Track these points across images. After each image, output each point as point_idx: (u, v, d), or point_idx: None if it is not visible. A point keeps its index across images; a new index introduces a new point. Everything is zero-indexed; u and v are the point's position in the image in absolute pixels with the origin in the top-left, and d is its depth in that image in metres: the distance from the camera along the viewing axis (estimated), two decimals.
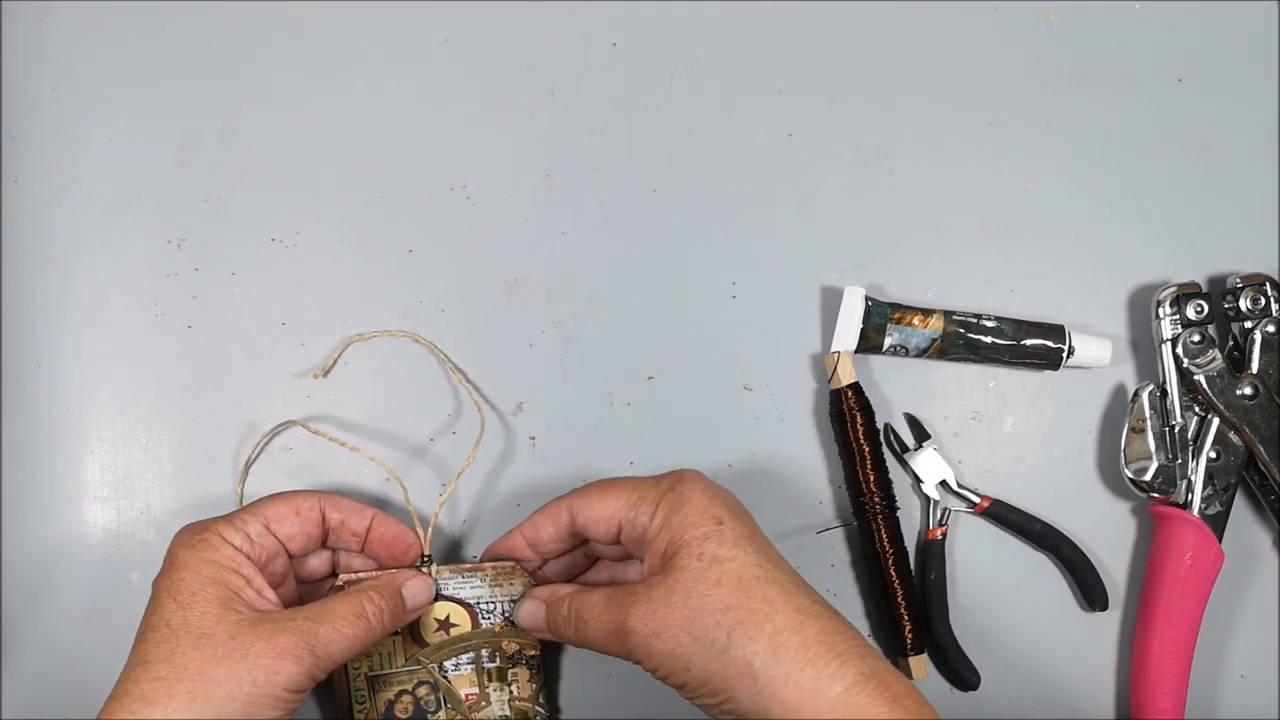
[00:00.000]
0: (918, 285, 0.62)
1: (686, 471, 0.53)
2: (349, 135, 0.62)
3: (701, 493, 0.51)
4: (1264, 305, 0.60)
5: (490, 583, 0.56)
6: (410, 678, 0.56)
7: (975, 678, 0.60)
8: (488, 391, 0.61)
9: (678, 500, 0.51)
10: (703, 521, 0.50)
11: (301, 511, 0.53)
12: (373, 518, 0.55)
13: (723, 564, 0.49)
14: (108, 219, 0.61)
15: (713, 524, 0.50)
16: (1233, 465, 0.60)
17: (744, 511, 0.52)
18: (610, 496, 0.53)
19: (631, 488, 0.53)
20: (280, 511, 0.53)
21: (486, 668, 0.56)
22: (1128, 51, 0.64)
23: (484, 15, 0.62)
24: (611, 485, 0.54)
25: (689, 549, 0.49)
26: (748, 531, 0.51)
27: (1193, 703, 0.60)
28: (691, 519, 0.50)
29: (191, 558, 0.50)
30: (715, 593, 0.48)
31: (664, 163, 0.62)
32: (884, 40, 0.63)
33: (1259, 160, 0.64)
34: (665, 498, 0.51)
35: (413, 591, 0.54)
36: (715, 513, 0.50)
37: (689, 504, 0.51)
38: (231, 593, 0.49)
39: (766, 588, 0.49)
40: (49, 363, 0.60)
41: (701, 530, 0.50)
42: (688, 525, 0.50)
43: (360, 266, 0.61)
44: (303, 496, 0.54)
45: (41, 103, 0.61)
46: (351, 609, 0.51)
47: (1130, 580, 0.62)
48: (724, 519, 0.50)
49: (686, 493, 0.51)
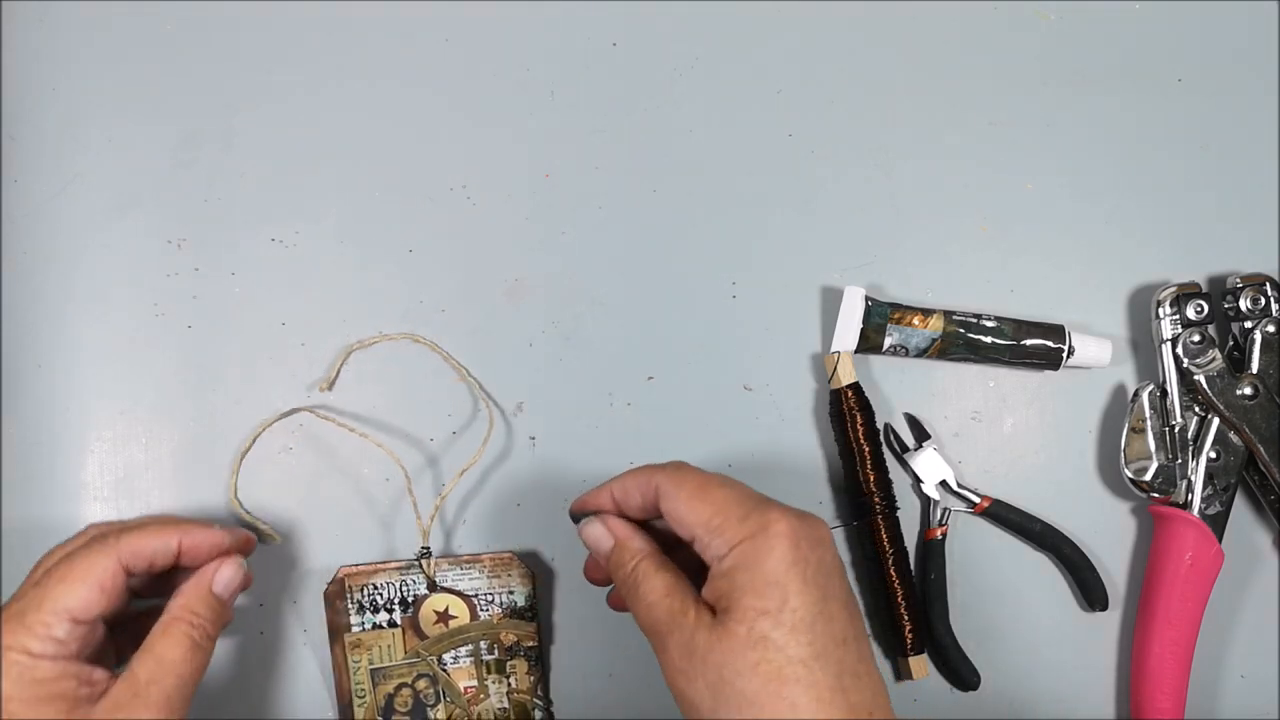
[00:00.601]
0: (918, 285, 0.62)
1: (779, 519, 0.47)
2: (349, 135, 0.62)
3: (780, 556, 0.46)
4: (1264, 305, 0.60)
5: (488, 574, 0.57)
6: (410, 671, 0.56)
7: (975, 678, 0.60)
8: (488, 391, 0.61)
9: (754, 554, 0.47)
10: (769, 593, 0.46)
11: (105, 586, 0.48)
12: (179, 540, 0.51)
13: (768, 649, 0.45)
14: (108, 219, 0.61)
15: (777, 599, 0.46)
16: (1233, 465, 0.60)
17: (825, 575, 0.47)
18: (697, 507, 0.49)
19: (718, 509, 0.48)
20: (83, 597, 0.48)
21: (485, 660, 0.56)
22: (1128, 51, 0.64)
23: (484, 15, 0.62)
24: (703, 494, 0.49)
25: (742, 615, 0.46)
26: (813, 612, 0.46)
27: (1193, 703, 0.60)
28: (758, 585, 0.46)
29: (12, 688, 0.46)
30: (748, 678, 0.45)
31: (664, 163, 0.62)
32: (884, 40, 0.63)
33: (1259, 160, 0.64)
34: (744, 544, 0.47)
35: (223, 584, 0.51)
36: (786, 585, 0.46)
37: (762, 566, 0.46)
38: (66, 703, 0.46)
39: (799, 691, 0.45)
40: (49, 363, 0.60)
41: (762, 603, 0.46)
42: (751, 590, 0.46)
43: (360, 266, 0.61)
44: (101, 566, 0.49)
45: (41, 103, 0.61)
46: (179, 646, 0.49)
47: (1130, 580, 0.62)
48: (791, 595, 0.46)
49: (765, 551, 0.46)
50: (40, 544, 0.58)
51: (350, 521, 0.60)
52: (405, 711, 0.56)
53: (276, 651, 0.59)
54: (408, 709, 0.56)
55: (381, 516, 0.60)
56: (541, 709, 0.57)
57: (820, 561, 0.47)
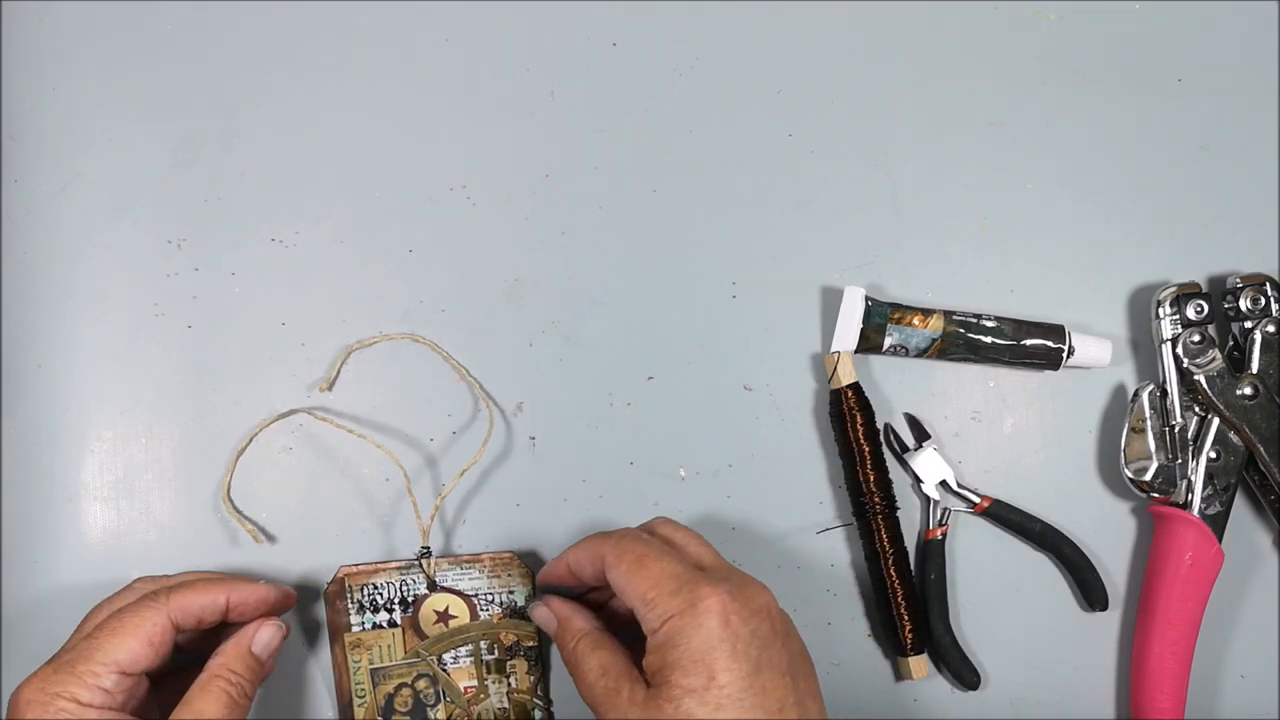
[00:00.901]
0: (918, 285, 0.62)
1: (709, 594, 0.48)
2: (349, 135, 0.62)
3: (707, 634, 0.47)
4: (1264, 305, 0.60)
5: (488, 574, 0.57)
6: (410, 671, 0.56)
7: (975, 678, 0.60)
8: (488, 391, 0.61)
9: (682, 631, 0.47)
10: (695, 670, 0.47)
11: (155, 640, 0.50)
12: (226, 598, 0.52)
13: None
14: (108, 219, 0.61)
15: (703, 678, 0.47)
16: (1233, 465, 0.60)
17: (759, 645, 0.48)
18: (634, 580, 0.50)
19: (653, 583, 0.49)
20: (133, 651, 0.49)
21: (485, 660, 0.57)
22: (1128, 51, 0.64)
23: (484, 15, 0.62)
24: (640, 567, 0.50)
25: (670, 692, 0.47)
26: (740, 688, 0.47)
27: (1193, 703, 0.60)
28: (684, 663, 0.47)
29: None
30: None
31: (664, 163, 0.62)
32: (884, 40, 0.63)
33: (1259, 160, 0.64)
34: (673, 619, 0.48)
35: (262, 645, 0.53)
36: (713, 663, 0.47)
37: (689, 644, 0.47)
38: None
39: None
40: (49, 363, 0.60)
41: (689, 680, 0.47)
42: (679, 667, 0.47)
43: (360, 266, 0.61)
44: (151, 621, 0.50)
45: (41, 103, 0.61)
46: (217, 703, 0.50)
47: (1130, 580, 0.62)
48: (718, 674, 0.47)
49: (692, 628, 0.47)
50: (40, 544, 0.59)
51: (350, 521, 0.60)
52: (405, 711, 0.56)
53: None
54: (408, 709, 0.56)
55: (381, 516, 0.60)
56: (541, 709, 0.57)
57: (754, 633, 0.48)
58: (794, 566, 0.61)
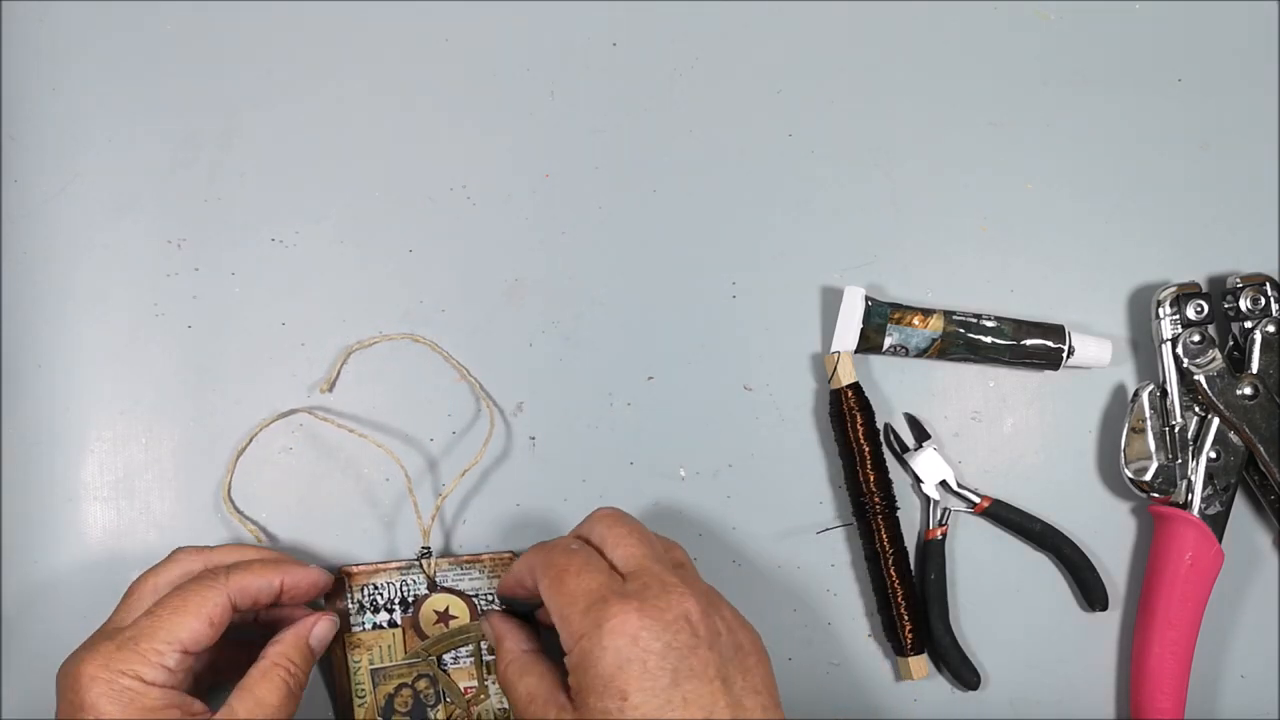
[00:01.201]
0: (918, 285, 0.62)
1: (616, 613, 0.46)
2: (349, 135, 0.62)
3: (615, 654, 0.45)
4: (1264, 305, 0.60)
5: (489, 574, 0.57)
6: (410, 671, 0.56)
7: (975, 678, 0.60)
8: (488, 391, 0.61)
9: (590, 653, 0.46)
10: (608, 693, 0.45)
11: (215, 620, 0.50)
12: (281, 580, 0.53)
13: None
14: (108, 219, 0.61)
15: (616, 700, 0.45)
16: (1233, 465, 0.60)
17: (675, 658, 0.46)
18: (553, 597, 0.49)
19: (568, 600, 0.48)
20: (195, 630, 0.50)
21: (485, 660, 0.56)
22: (1128, 51, 0.64)
23: (484, 15, 0.62)
24: (559, 584, 0.48)
25: (589, 716, 0.46)
26: (658, 703, 0.45)
27: (1193, 703, 0.60)
28: (596, 686, 0.45)
29: (115, 709, 0.47)
30: None
31: (664, 163, 0.62)
32: (884, 40, 0.63)
33: (1259, 160, 0.64)
34: (583, 641, 0.46)
35: (318, 639, 0.54)
36: (625, 683, 0.45)
37: (598, 666, 0.46)
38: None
39: None
40: (49, 363, 0.60)
41: (603, 704, 0.45)
42: (592, 690, 0.46)
43: (360, 266, 0.61)
44: (213, 602, 0.50)
45: (41, 103, 0.61)
46: (277, 692, 0.51)
47: (1130, 580, 0.62)
48: (631, 693, 0.45)
49: (599, 650, 0.46)
50: (40, 544, 0.59)
51: (350, 521, 0.60)
52: (405, 711, 0.56)
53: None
54: (408, 709, 0.56)
55: (382, 516, 0.60)
56: None
57: (668, 646, 0.46)
58: (794, 566, 0.61)
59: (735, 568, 0.61)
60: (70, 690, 0.48)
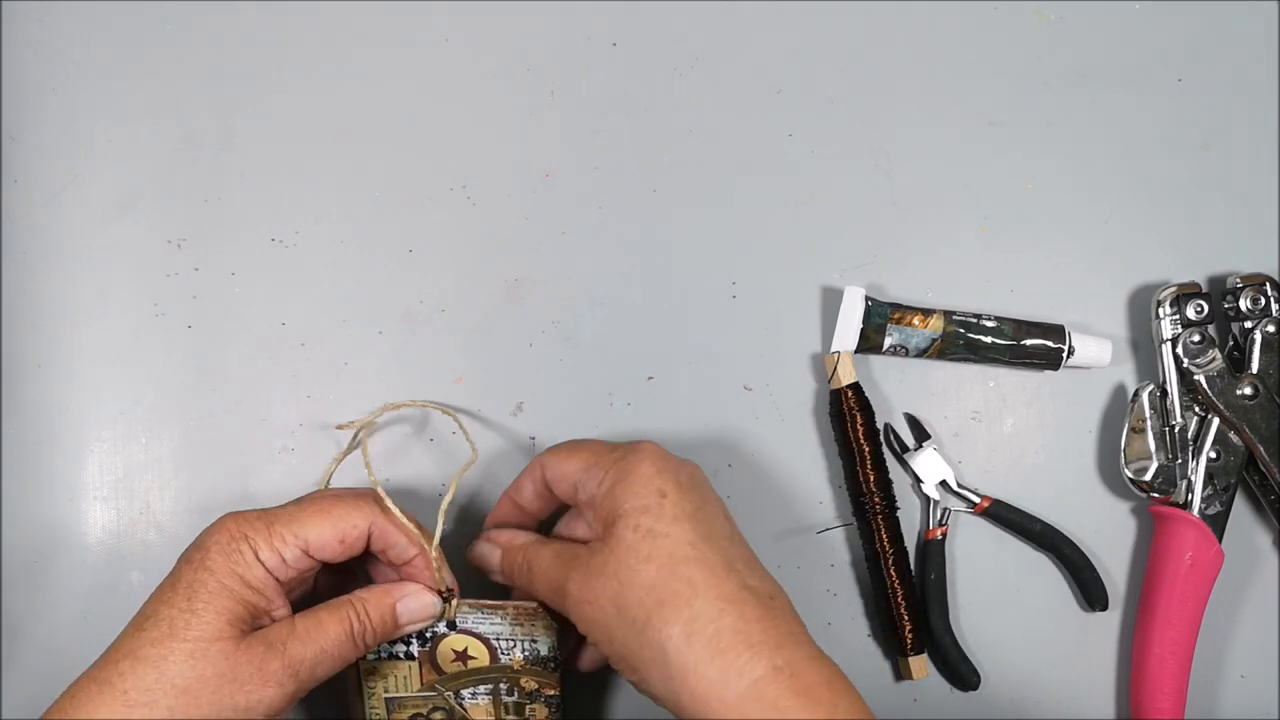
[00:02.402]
0: (918, 285, 0.62)
1: (644, 443, 0.52)
2: (349, 135, 0.62)
3: (651, 463, 0.50)
4: (1264, 305, 0.60)
5: (511, 621, 0.54)
6: (426, 703, 0.55)
7: (975, 678, 0.60)
8: (488, 391, 0.61)
9: (625, 469, 0.50)
10: (646, 493, 0.49)
11: (346, 540, 0.50)
12: (415, 556, 0.52)
13: (656, 539, 0.48)
14: (108, 219, 0.61)
15: (655, 497, 0.49)
16: (1233, 465, 0.60)
17: (697, 485, 0.51)
18: (573, 457, 0.52)
19: (591, 451, 0.52)
20: (324, 537, 0.50)
21: (504, 701, 0.55)
22: (1128, 51, 0.64)
23: (484, 15, 0.62)
24: (577, 446, 0.53)
25: (626, 520, 0.49)
26: (691, 507, 0.49)
27: (1193, 703, 0.60)
28: (635, 489, 0.49)
29: (222, 565, 0.48)
30: (643, 569, 0.48)
31: (664, 163, 0.62)
32: (884, 40, 0.63)
33: (1259, 160, 0.64)
34: (615, 466, 0.50)
35: (408, 609, 0.52)
36: (660, 485, 0.49)
37: (635, 474, 0.50)
38: (246, 612, 0.48)
39: (694, 569, 0.47)
40: (49, 363, 0.60)
41: (642, 502, 0.49)
42: (630, 495, 0.49)
43: (360, 266, 0.61)
44: (353, 522, 0.50)
45: (41, 103, 0.61)
46: (341, 630, 0.49)
47: (1130, 580, 0.62)
48: (668, 492, 0.49)
49: (635, 462, 0.50)
50: (40, 544, 0.59)
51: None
52: None
53: None
54: None
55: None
56: None
57: (690, 475, 0.51)
58: (794, 566, 0.61)
59: None
60: (208, 530, 0.49)
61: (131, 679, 0.46)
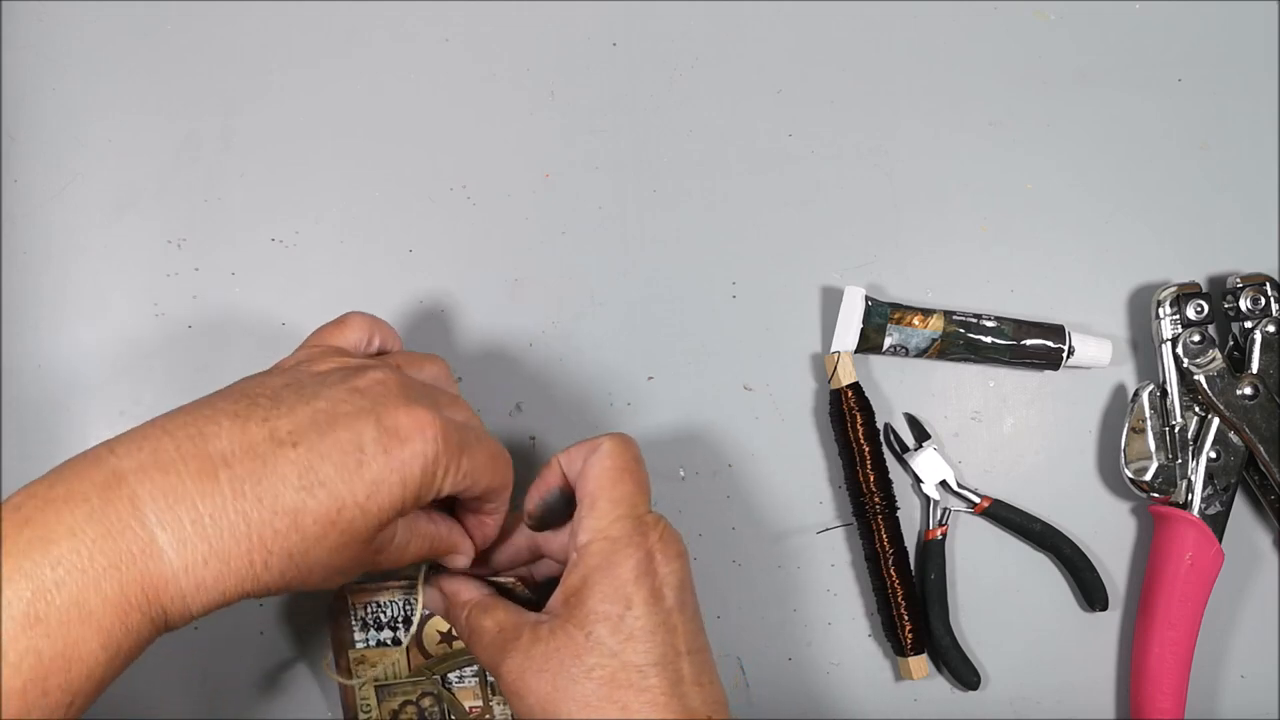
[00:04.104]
0: (918, 285, 0.62)
1: (652, 528, 0.48)
2: (349, 135, 0.62)
3: (634, 566, 0.47)
4: (1264, 305, 0.60)
5: None
6: (415, 689, 0.55)
7: (975, 678, 0.60)
8: (488, 391, 0.61)
9: (612, 556, 0.47)
10: (614, 598, 0.47)
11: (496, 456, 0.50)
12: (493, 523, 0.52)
13: (603, 655, 0.46)
14: (108, 219, 0.61)
15: (621, 606, 0.47)
16: (1233, 465, 0.60)
17: (675, 587, 0.48)
18: (616, 485, 0.49)
19: (621, 499, 0.49)
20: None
21: (490, 681, 0.56)
22: (1128, 51, 0.64)
23: (484, 15, 0.62)
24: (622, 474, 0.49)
25: (584, 618, 0.47)
26: (655, 622, 0.47)
27: (1193, 703, 0.60)
28: (605, 590, 0.47)
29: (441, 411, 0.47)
30: (583, 683, 0.46)
31: (664, 163, 0.62)
32: (884, 40, 0.63)
33: (1259, 160, 0.64)
34: (606, 541, 0.48)
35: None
36: (631, 594, 0.47)
37: (614, 571, 0.47)
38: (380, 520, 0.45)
39: (632, 696, 0.46)
40: (49, 363, 0.60)
41: (605, 608, 0.47)
42: (597, 594, 0.47)
43: (360, 266, 0.61)
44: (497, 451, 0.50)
45: (41, 103, 0.61)
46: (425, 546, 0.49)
47: (1130, 580, 0.62)
48: (635, 604, 0.47)
49: (623, 557, 0.47)
50: None
51: None
52: None
53: (278, 658, 0.59)
54: None
55: None
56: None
57: (671, 574, 0.48)
58: (794, 566, 0.61)
59: (735, 568, 0.61)
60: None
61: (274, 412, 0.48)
